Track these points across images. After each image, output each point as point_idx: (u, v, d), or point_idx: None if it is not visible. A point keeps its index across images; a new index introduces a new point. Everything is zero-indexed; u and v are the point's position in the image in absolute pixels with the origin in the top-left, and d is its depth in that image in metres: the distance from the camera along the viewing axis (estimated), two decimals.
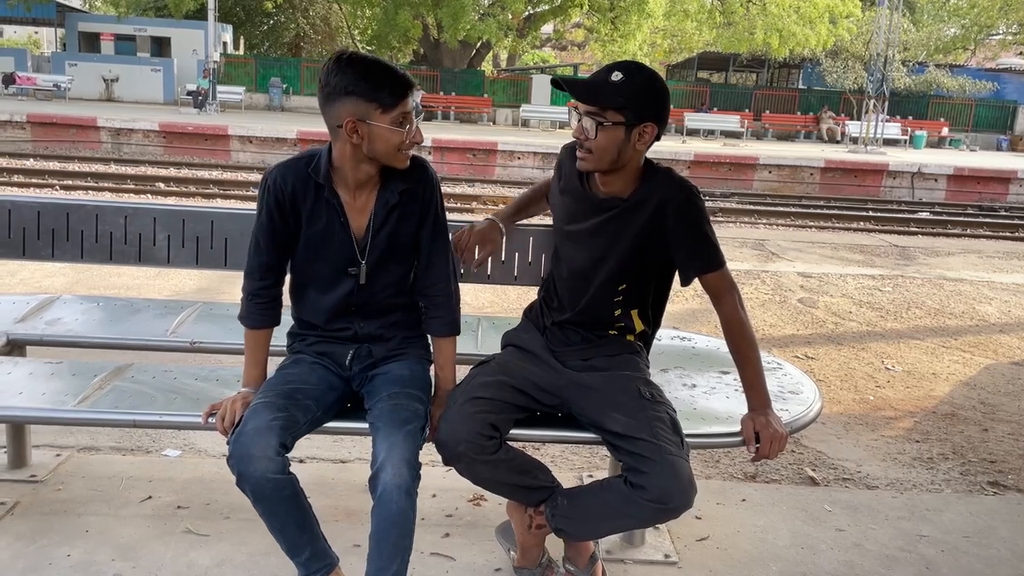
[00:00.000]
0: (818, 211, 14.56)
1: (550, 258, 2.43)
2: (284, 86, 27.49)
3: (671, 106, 2.21)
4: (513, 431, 2.15)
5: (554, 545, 2.32)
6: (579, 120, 2.11)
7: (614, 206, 2.17)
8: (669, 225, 2.14)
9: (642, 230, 2.15)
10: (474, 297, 5.30)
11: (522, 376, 2.20)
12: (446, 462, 2.08)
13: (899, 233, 12.01)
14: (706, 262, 2.16)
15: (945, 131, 29.03)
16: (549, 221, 2.47)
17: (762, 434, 2.11)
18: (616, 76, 2.03)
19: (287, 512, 1.97)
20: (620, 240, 2.18)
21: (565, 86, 2.11)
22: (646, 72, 2.08)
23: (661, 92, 2.10)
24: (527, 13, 27.32)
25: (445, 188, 15.36)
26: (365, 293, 2.15)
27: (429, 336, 2.26)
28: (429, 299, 2.21)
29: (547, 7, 27.76)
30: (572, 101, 2.14)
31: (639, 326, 2.29)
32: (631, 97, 2.04)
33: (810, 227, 12.89)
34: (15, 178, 12.89)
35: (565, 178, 2.30)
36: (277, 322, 2.19)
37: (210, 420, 2.08)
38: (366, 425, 2.08)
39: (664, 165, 2.23)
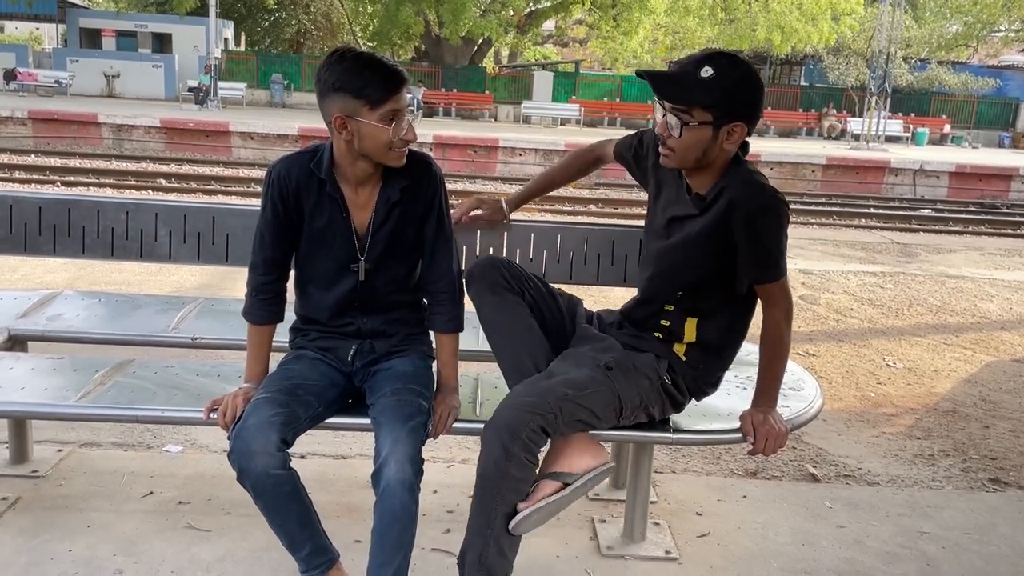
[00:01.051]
0: (820, 208, 14.56)
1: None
2: (285, 82, 27.49)
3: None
4: None
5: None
6: (664, 115, 1.97)
7: (696, 204, 2.08)
8: (736, 232, 2.00)
9: (709, 230, 2.04)
10: None
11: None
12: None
13: (901, 230, 12.01)
14: (763, 273, 2.06)
15: (947, 128, 28.99)
16: (550, 217, 2.49)
17: (759, 430, 2.10)
18: (706, 72, 1.89)
19: (288, 508, 1.97)
20: (688, 239, 2.08)
21: (649, 81, 1.96)
22: (742, 68, 1.93)
23: (755, 90, 1.96)
24: (528, 9, 27.32)
25: (449, 185, 15.25)
26: (366, 290, 2.15)
27: (432, 332, 2.26)
28: (432, 295, 2.21)
29: (548, 3, 27.77)
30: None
31: (690, 336, 2.16)
32: (722, 95, 1.91)
33: (812, 224, 12.90)
34: (16, 174, 12.89)
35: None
36: (280, 318, 2.19)
37: (211, 415, 2.08)
38: (368, 420, 2.08)
39: (751, 164, 2.08)
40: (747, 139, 2.03)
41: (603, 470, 2.06)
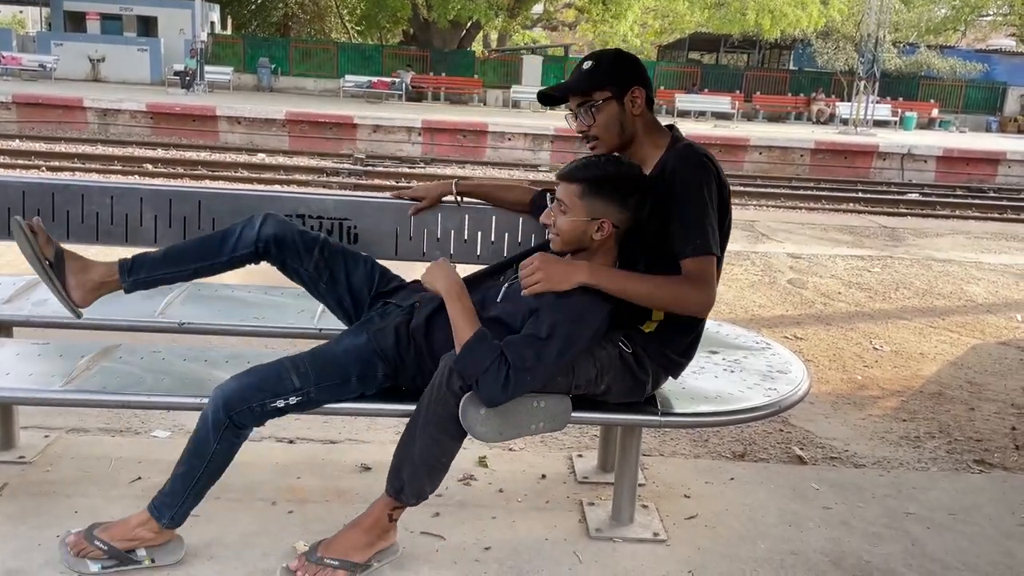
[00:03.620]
0: (808, 192, 14.60)
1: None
2: (273, 66, 27.25)
3: (661, 87, 2.24)
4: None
5: None
6: (576, 118, 2.23)
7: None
8: (668, 197, 2.12)
9: (657, 203, 2.13)
10: None
11: None
12: None
13: (888, 214, 12.05)
14: (679, 242, 2.08)
15: (935, 112, 29.05)
16: None
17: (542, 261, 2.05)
18: (587, 64, 2.20)
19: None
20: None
21: (553, 93, 2.27)
22: (610, 51, 2.26)
23: (630, 58, 2.25)
24: None
25: (435, 169, 15.37)
26: None
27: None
28: None
29: None
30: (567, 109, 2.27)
31: (658, 314, 2.21)
32: (608, 72, 2.18)
33: (800, 208, 12.93)
34: (0, 159, 12.76)
35: None
36: None
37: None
38: (356, 405, 2.15)
39: (687, 139, 2.23)
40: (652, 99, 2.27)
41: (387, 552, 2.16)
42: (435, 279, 2.12)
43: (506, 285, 2.16)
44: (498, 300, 2.13)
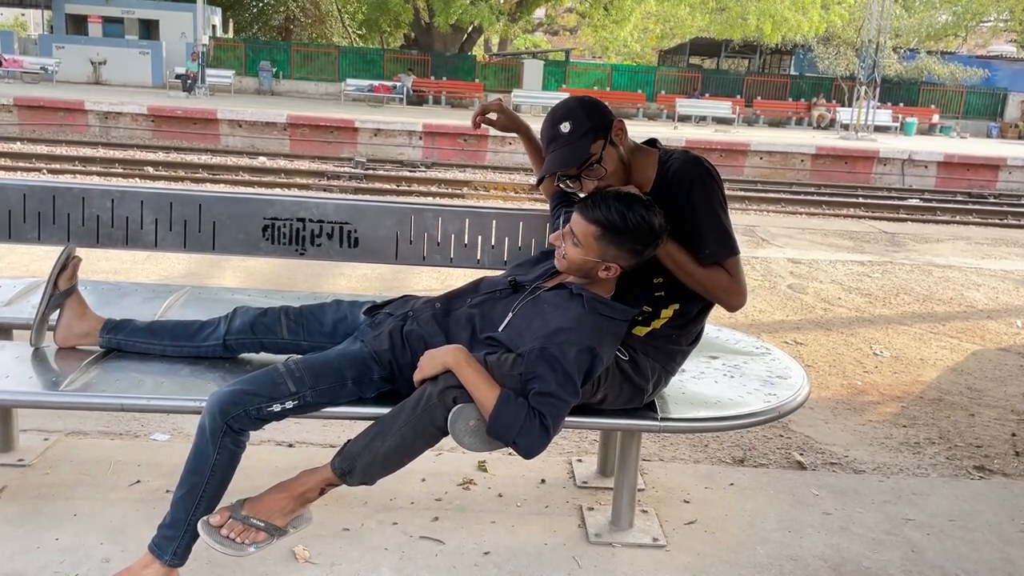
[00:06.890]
0: (808, 197, 14.58)
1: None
2: (274, 70, 27.29)
3: (662, 91, 2.23)
4: None
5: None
6: (579, 180, 2.18)
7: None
8: (679, 207, 2.16)
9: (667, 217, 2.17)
10: (440, 282, 5.28)
11: None
12: None
13: (889, 219, 12.05)
14: (715, 250, 2.17)
15: (936, 118, 29.06)
16: (514, 205, 2.51)
17: None
18: (566, 127, 2.15)
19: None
20: None
21: (554, 173, 2.20)
22: (570, 101, 2.22)
23: (590, 100, 2.22)
24: None
25: (435, 173, 15.39)
26: None
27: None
28: None
29: None
30: (557, 183, 2.25)
31: (665, 317, 2.26)
32: (585, 123, 2.15)
33: (800, 213, 12.92)
34: (2, 161, 12.78)
35: None
36: None
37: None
38: (352, 410, 2.15)
39: (675, 148, 2.28)
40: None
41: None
42: (435, 359, 2.06)
43: (511, 315, 2.14)
44: (501, 329, 2.13)
